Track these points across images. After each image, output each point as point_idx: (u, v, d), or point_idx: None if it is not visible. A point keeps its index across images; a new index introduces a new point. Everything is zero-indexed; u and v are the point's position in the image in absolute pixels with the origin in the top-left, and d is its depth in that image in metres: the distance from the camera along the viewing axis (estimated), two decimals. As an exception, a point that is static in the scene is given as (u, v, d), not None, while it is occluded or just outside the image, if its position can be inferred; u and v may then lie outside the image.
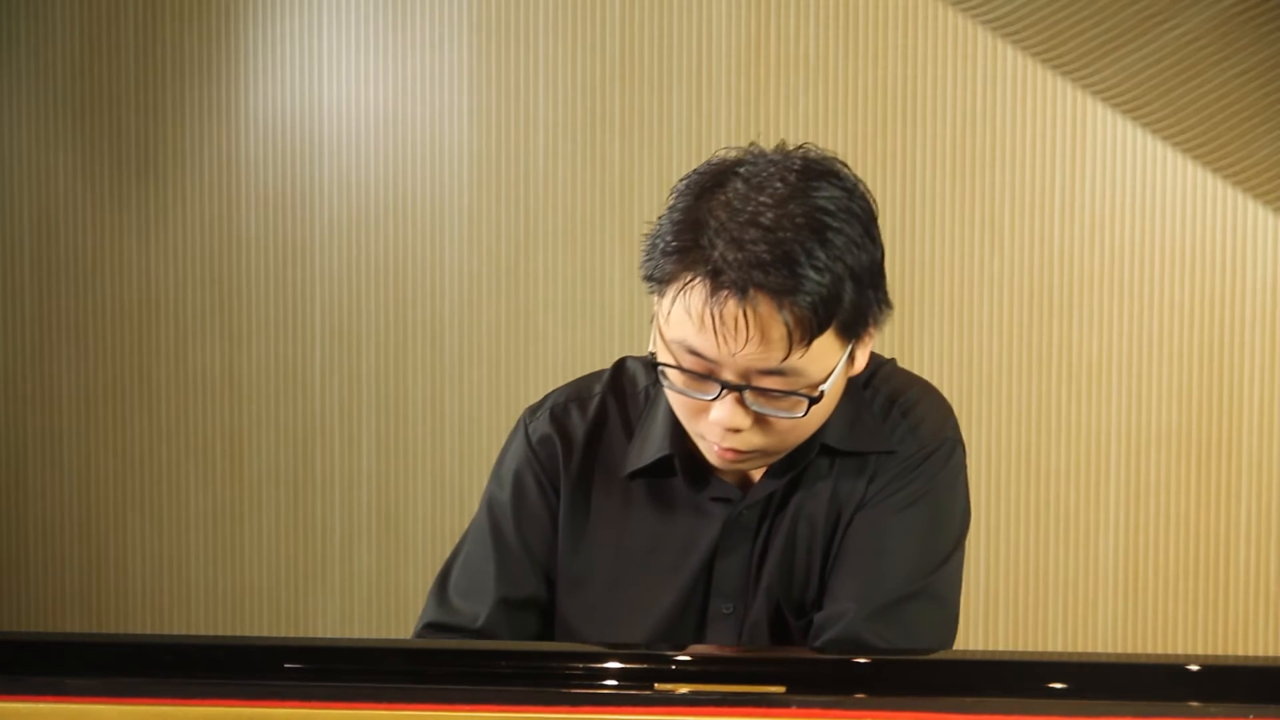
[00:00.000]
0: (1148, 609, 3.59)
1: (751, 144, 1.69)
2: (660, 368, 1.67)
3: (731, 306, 1.57)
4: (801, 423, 1.67)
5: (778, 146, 1.69)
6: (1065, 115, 3.53)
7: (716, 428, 1.66)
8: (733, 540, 1.78)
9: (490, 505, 1.86)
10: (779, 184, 1.62)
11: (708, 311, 1.58)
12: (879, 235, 1.68)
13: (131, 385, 4.15)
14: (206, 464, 4.12)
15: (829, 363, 1.64)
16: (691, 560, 1.78)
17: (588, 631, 1.82)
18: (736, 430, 1.65)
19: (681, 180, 1.68)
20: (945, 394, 1.93)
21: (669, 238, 1.63)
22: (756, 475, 1.78)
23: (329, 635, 4.04)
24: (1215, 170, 3.46)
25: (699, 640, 1.79)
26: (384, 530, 4.02)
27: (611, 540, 1.82)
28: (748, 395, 1.63)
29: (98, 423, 4.17)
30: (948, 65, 3.59)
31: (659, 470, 1.79)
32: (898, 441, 1.77)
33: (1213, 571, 3.55)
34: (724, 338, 1.59)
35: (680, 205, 1.65)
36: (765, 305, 1.57)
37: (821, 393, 1.64)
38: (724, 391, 1.63)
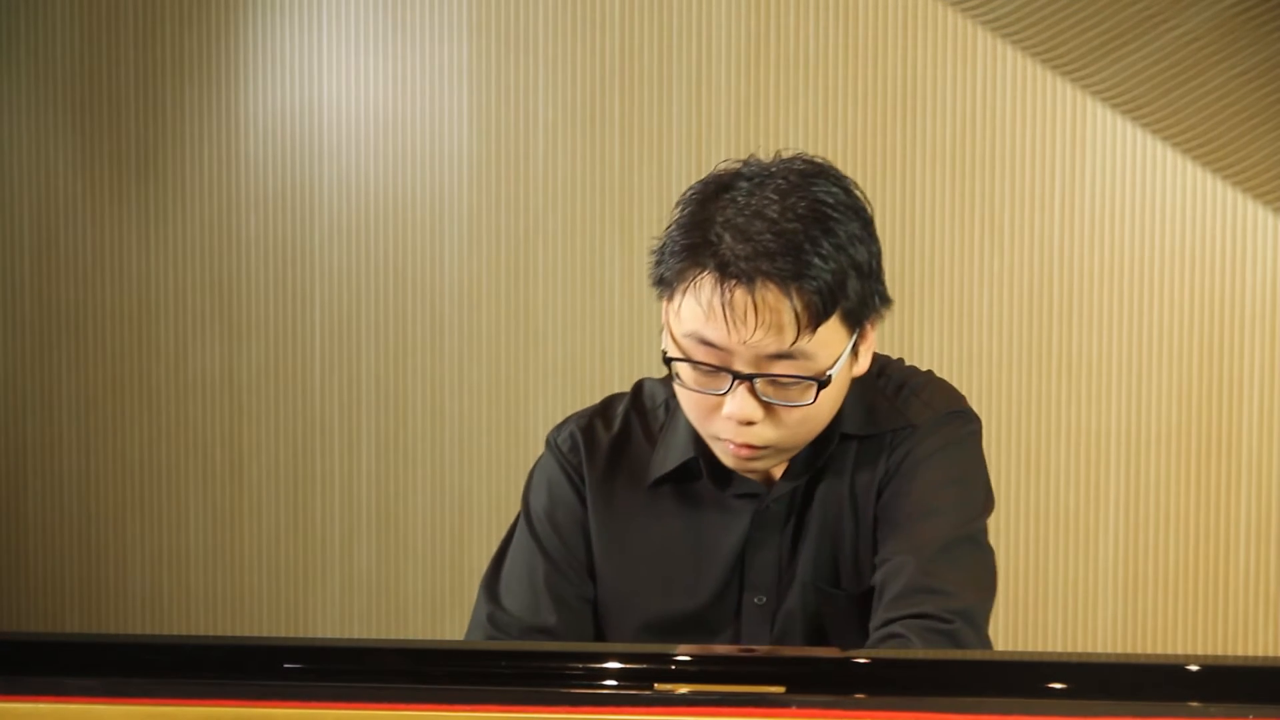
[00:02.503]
0: (1148, 609, 3.59)
1: (750, 156, 1.76)
2: (673, 364, 1.71)
3: (740, 294, 1.64)
4: (812, 414, 1.71)
5: (775, 156, 1.76)
6: (1065, 115, 3.53)
7: (730, 423, 1.70)
8: (762, 534, 1.81)
9: (529, 517, 1.90)
10: (781, 181, 1.69)
11: (717, 300, 1.64)
12: (876, 234, 1.74)
13: (131, 386, 4.15)
14: (206, 464, 4.12)
15: (835, 350, 1.70)
16: (723, 556, 1.82)
17: (622, 631, 1.86)
18: (749, 423, 1.69)
19: (686, 191, 1.74)
20: (946, 393, 1.96)
21: (677, 239, 1.70)
22: (778, 472, 1.81)
23: (329, 635, 4.04)
24: (1215, 170, 3.46)
25: (735, 632, 1.83)
26: (384, 530, 4.02)
27: (642, 544, 1.86)
28: (759, 384, 1.68)
29: (97, 423, 4.17)
30: (948, 65, 3.59)
31: (684, 475, 1.84)
32: (914, 416, 1.82)
33: (1213, 571, 3.55)
34: (734, 324, 1.64)
35: (686, 211, 1.72)
36: (773, 292, 1.64)
37: (829, 377, 1.68)
38: (736, 382, 1.68)
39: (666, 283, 1.71)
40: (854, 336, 1.72)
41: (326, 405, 4.04)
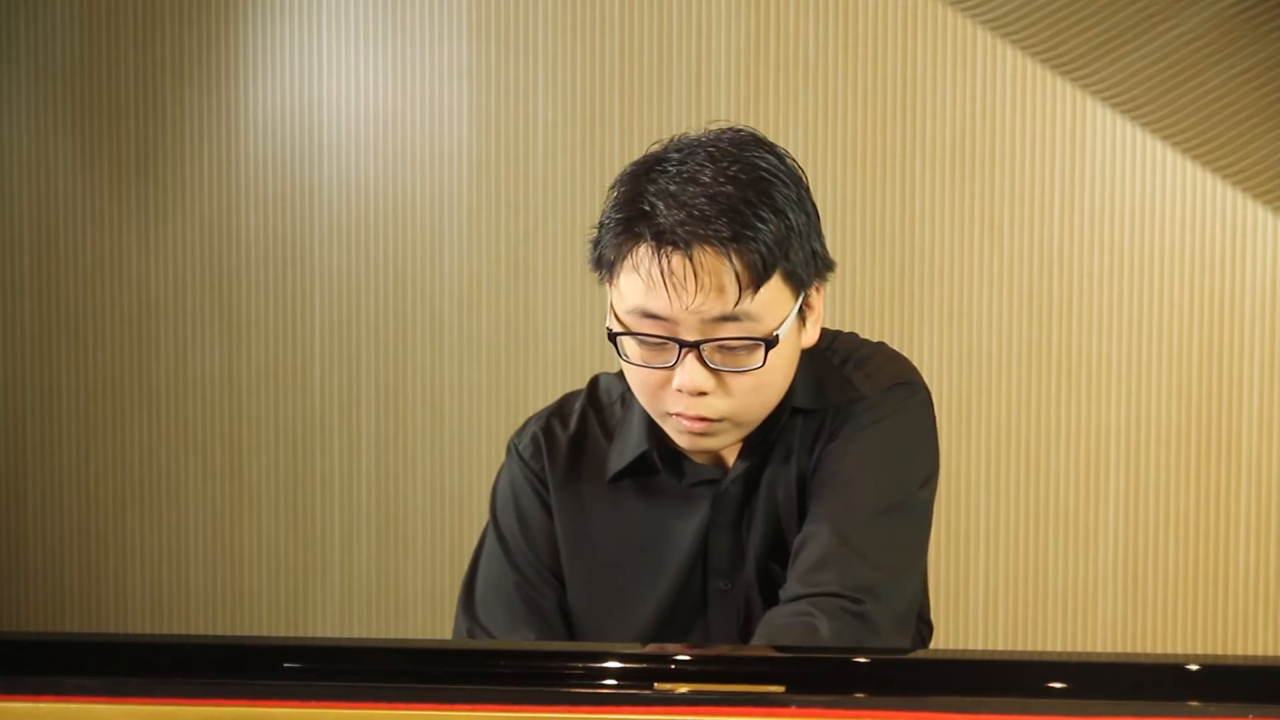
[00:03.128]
0: (1148, 609, 3.59)
1: (679, 134, 1.75)
2: (619, 340, 1.70)
3: (678, 260, 1.62)
4: (764, 381, 1.69)
5: (704, 129, 1.74)
6: (1065, 115, 3.53)
7: (681, 397, 1.68)
8: (722, 518, 1.80)
9: (497, 527, 1.90)
10: (713, 149, 1.67)
11: (656, 269, 1.63)
12: (812, 199, 1.72)
13: (130, 386, 4.15)
14: (206, 464, 4.12)
15: (780, 311, 1.67)
16: (685, 544, 1.81)
17: (597, 631, 1.85)
18: (701, 394, 1.67)
19: (618, 175, 1.73)
20: (945, 394, 1.95)
21: (612, 217, 1.68)
22: (731, 456, 1.80)
23: (328, 635, 4.04)
24: (1215, 170, 3.46)
25: (704, 620, 1.81)
26: (383, 530, 4.02)
27: (606, 540, 1.85)
28: (706, 352, 1.66)
29: (97, 423, 4.17)
30: (948, 65, 3.59)
31: (641, 468, 1.82)
32: (860, 387, 1.79)
33: (1213, 571, 3.55)
34: (674, 290, 1.62)
35: (619, 191, 1.71)
36: (711, 255, 1.62)
37: (776, 337, 1.66)
38: (683, 351, 1.66)
39: (606, 262, 1.69)
40: (799, 300, 1.70)
41: (326, 405, 4.04)
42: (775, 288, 1.66)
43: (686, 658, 1.37)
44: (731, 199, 1.62)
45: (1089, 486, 3.60)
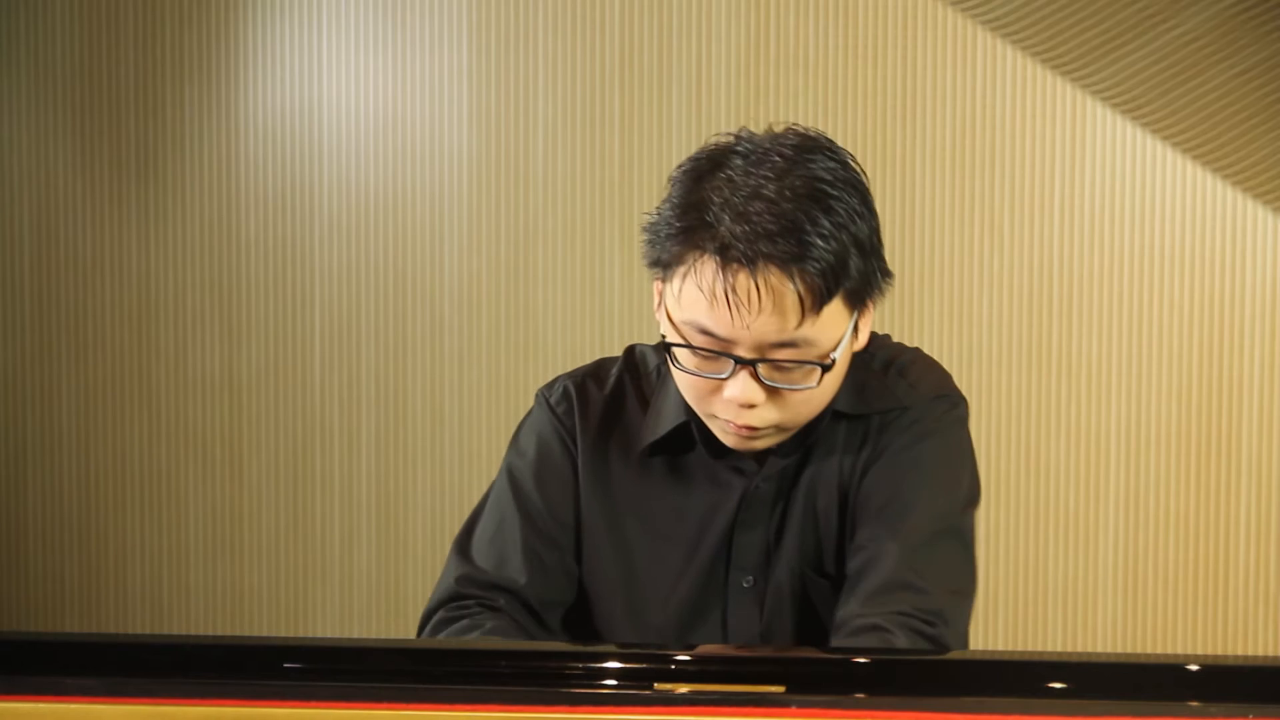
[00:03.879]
0: (1147, 609, 3.59)
1: (742, 128, 1.73)
2: (671, 350, 1.68)
3: (743, 279, 1.60)
4: (814, 395, 1.68)
5: (767, 129, 1.72)
6: (1065, 115, 3.53)
7: (731, 405, 1.67)
8: (750, 515, 1.79)
9: (510, 472, 1.86)
10: (777, 158, 1.65)
11: (719, 286, 1.61)
12: (874, 207, 1.71)
13: (131, 385, 4.15)
14: (206, 464, 4.12)
15: (838, 331, 1.66)
16: (710, 535, 1.79)
17: (610, 606, 1.83)
18: (751, 406, 1.66)
19: (677, 168, 1.72)
20: (945, 393, 1.94)
21: (673, 221, 1.66)
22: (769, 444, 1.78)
23: (328, 635, 4.04)
24: (1215, 170, 3.46)
25: (723, 613, 1.80)
26: (383, 530, 4.02)
27: (630, 514, 1.82)
28: (761, 369, 1.65)
29: (97, 423, 4.17)
30: (948, 65, 3.59)
31: (675, 441, 1.80)
32: (902, 396, 1.79)
33: (1213, 571, 3.55)
34: (737, 310, 1.60)
35: (680, 189, 1.69)
36: (775, 275, 1.60)
37: (833, 360, 1.66)
38: (737, 367, 1.65)
39: (664, 265, 1.68)
40: (855, 315, 1.69)
41: (326, 405, 4.04)
42: (835, 308, 1.65)
43: (686, 658, 1.37)
44: (796, 215, 1.60)
45: (1089, 486, 3.60)
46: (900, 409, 1.78)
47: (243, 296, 4.06)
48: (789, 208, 1.61)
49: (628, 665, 1.35)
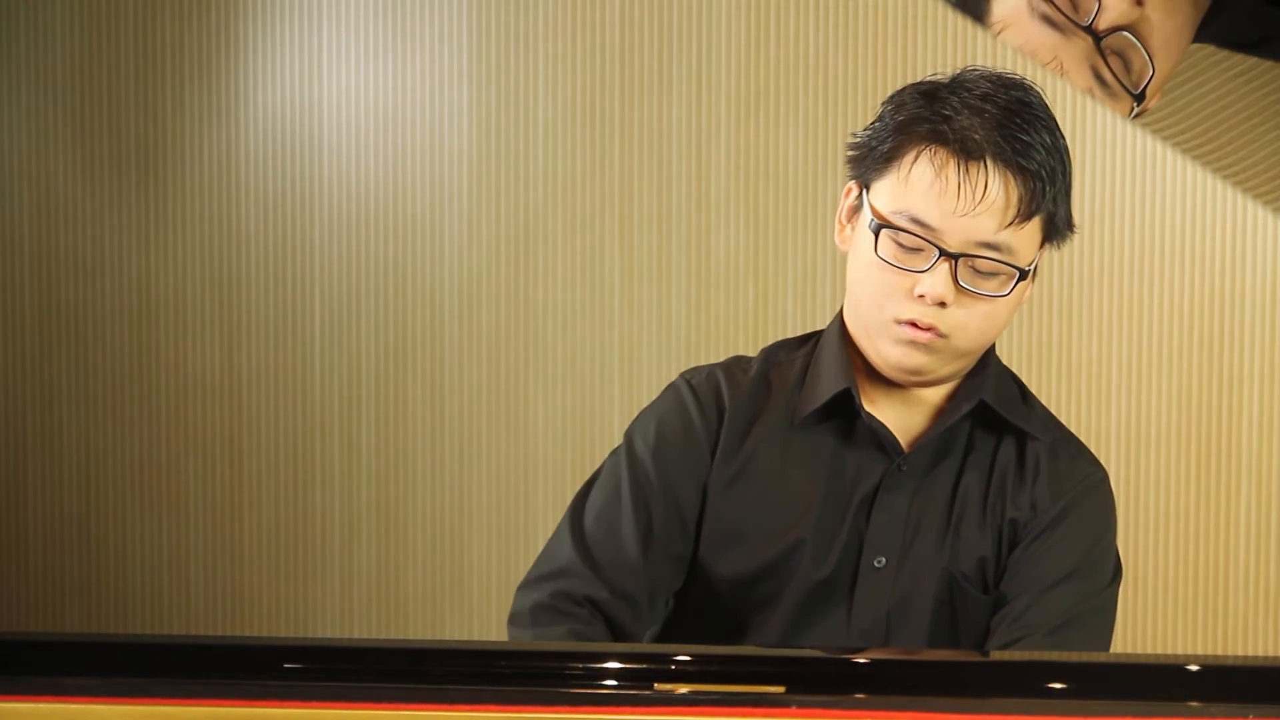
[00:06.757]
0: (1148, 609, 3.59)
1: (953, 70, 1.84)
2: (880, 232, 1.71)
3: (975, 167, 1.69)
4: (995, 313, 1.75)
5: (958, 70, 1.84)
6: (1065, 115, 3.53)
7: (919, 305, 1.72)
8: (890, 495, 1.80)
9: (631, 453, 1.85)
10: (990, 86, 1.77)
11: (952, 170, 1.70)
12: None
13: (131, 385, 4.15)
14: (206, 463, 4.12)
15: (1031, 253, 1.76)
16: (848, 511, 1.80)
17: (732, 577, 1.81)
18: (943, 305, 1.72)
19: (887, 103, 1.82)
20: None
21: (902, 121, 1.75)
22: (906, 439, 1.81)
23: (329, 635, 4.04)
24: (1215, 170, 3.46)
25: (852, 589, 1.80)
26: (383, 529, 4.02)
27: (768, 487, 1.82)
28: (960, 269, 1.71)
29: (97, 422, 4.17)
30: (947, 65, 3.58)
31: (834, 410, 1.81)
32: (1037, 428, 1.85)
33: (1213, 571, 3.55)
34: (964, 197, 1.69)
35: (904, 101, 1.79)
36: (1002, 171, 1.70)
37: (1028, 270, 1.74)
38: (940, 260, 1.70)
39: (885, 157, 1.74)
40: (1042, 251, 1.77)
41: (326, 405, 4.04)
42: (1033, 230, 1.74)
43: (686, 658, 1.37)
44: (1023, 127, 1.72)
45: (1089, 486, 3.59)
46: (1039, 438, 1.83)
47: (242, 296, 4.06)
48: (1018, 121, 1.72)
49: (628, 665, 1.35)
